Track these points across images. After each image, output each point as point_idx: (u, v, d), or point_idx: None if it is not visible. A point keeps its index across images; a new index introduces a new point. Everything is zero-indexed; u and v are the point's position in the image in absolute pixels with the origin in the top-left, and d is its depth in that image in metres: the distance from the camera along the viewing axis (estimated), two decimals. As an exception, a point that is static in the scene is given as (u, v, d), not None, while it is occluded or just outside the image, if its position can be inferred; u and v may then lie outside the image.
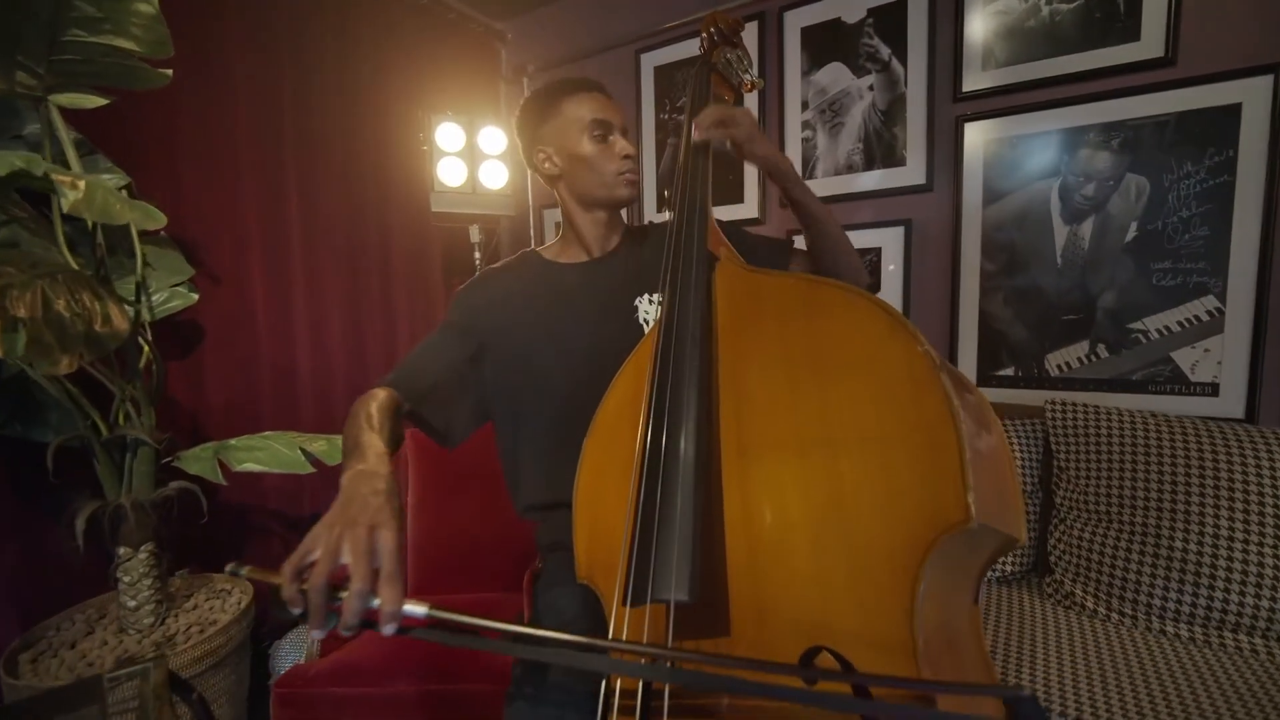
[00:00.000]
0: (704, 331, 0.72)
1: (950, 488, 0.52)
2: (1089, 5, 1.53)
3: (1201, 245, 1.46)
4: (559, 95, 1.00)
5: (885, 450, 0.57)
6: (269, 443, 1.47)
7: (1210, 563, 1.23)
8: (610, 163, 0.98)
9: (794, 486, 0.60)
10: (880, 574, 0.54)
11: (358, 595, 0.51)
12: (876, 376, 0.60)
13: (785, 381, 0.65)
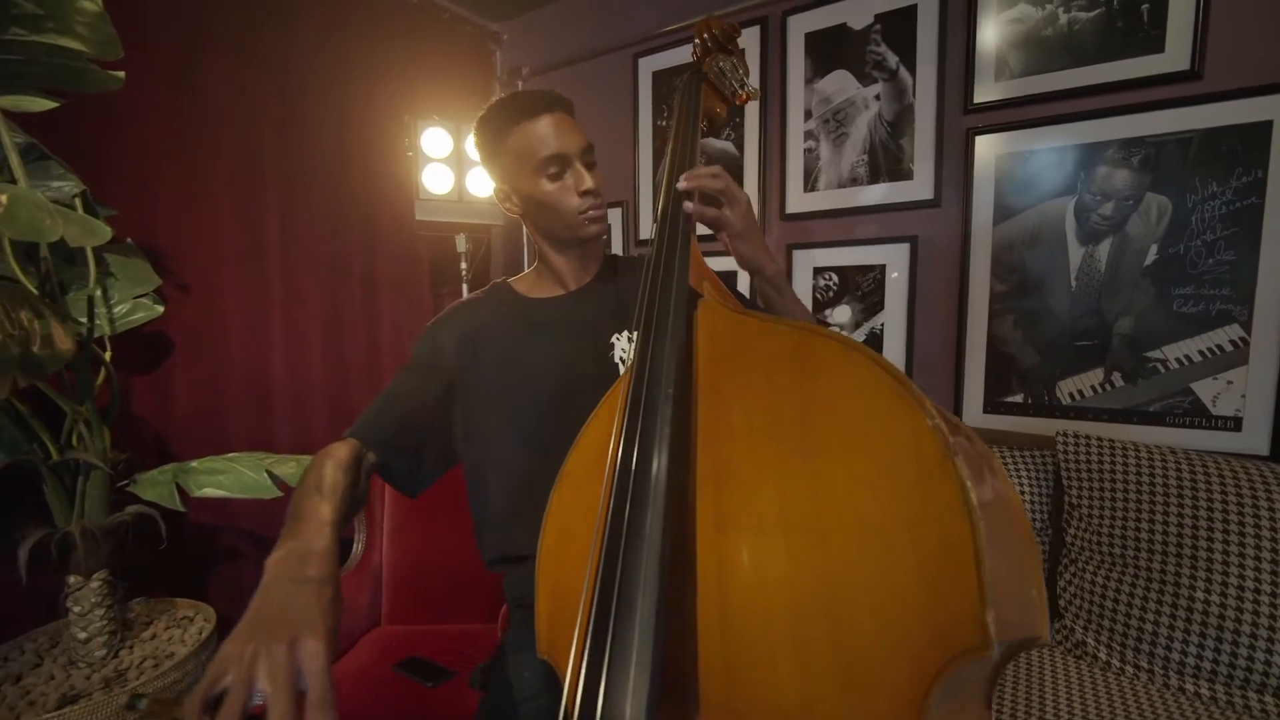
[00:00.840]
0: (681, 384, 0.64)
1: (963, 602, 0.43)
2: (1110, 14, 1.44)
3: (1226, 271, 1.37)
4: (506, 126, 0.88)
5: (886, 547, 0.48)
6: (233, 465, 1.39)
7: (1235, 615, 1.14)
8: (570, 200, 0.88)
9: (779, 581, 0.52)
10: (878, 702, 0.45)
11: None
12: (877, 455, 0.51)
13: (771, 450, 0.57)
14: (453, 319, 0.97)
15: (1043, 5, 1.51)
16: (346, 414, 1.99)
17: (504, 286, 1.02)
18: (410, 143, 1.83)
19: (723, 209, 0.80)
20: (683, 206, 0.79)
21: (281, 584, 0.53)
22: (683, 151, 0.86)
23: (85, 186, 1.21)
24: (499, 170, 0.92)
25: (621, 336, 0.95)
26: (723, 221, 0.80)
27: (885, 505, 0.49)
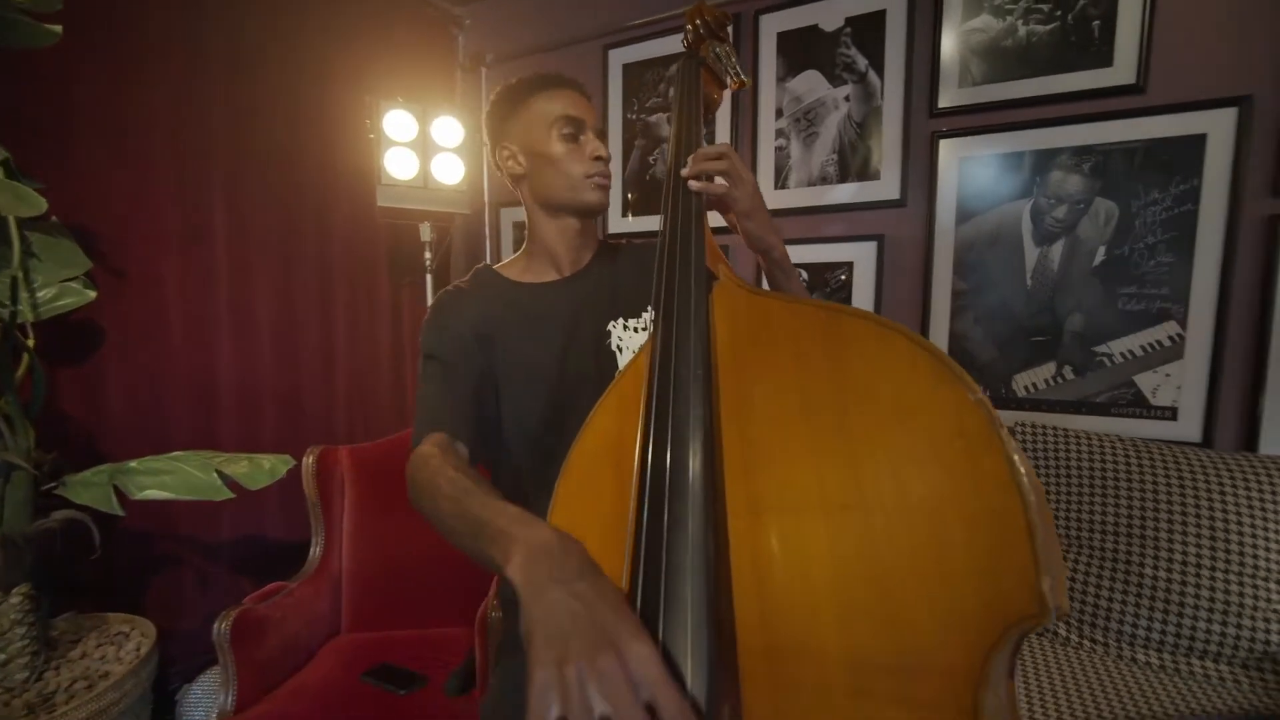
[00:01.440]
0: (706, 367, 0.62)
1: (1019, 572, 0.44)
2: (1064, 28, 1.53)
3: (1166, 272, 1.47)
4: (530, 90, 0.91)
5: (934, 522, 0.48)
6: (178, 465, 1.28)
7: (1179, 589, 1.23)
8: (578, 164, 0.88)
9: (821, 562, 0.51)
10: (933, 677, 0.45)
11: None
12: (920, 431, 0.51)
13: (805, 429, 0.56)
14: (446, 309, 0.91)
15: (1003, 17, 1.59)
16: (298, 411, 1.88)
17: (488, 272, 0.97)
18: (372, 124, 1.74)
19: (729, 188, 0.79)
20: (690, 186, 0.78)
21: (555, 588, 0.44)
22: (688, 136, 0.85)
23: (8, 154, 1.08)
24: (514, 128, 0.91)
25: (617, 324, 0.93)
26: (729, 200, 0.79)
27: (930, 481, 0.49)
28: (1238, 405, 1.42)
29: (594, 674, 0.38)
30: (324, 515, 1.53)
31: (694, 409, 0.58)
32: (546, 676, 0.39)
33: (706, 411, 0.58)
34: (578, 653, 0.39)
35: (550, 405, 0.88)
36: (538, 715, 0.38)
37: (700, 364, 0.61)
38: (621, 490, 0.63)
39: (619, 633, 0.41)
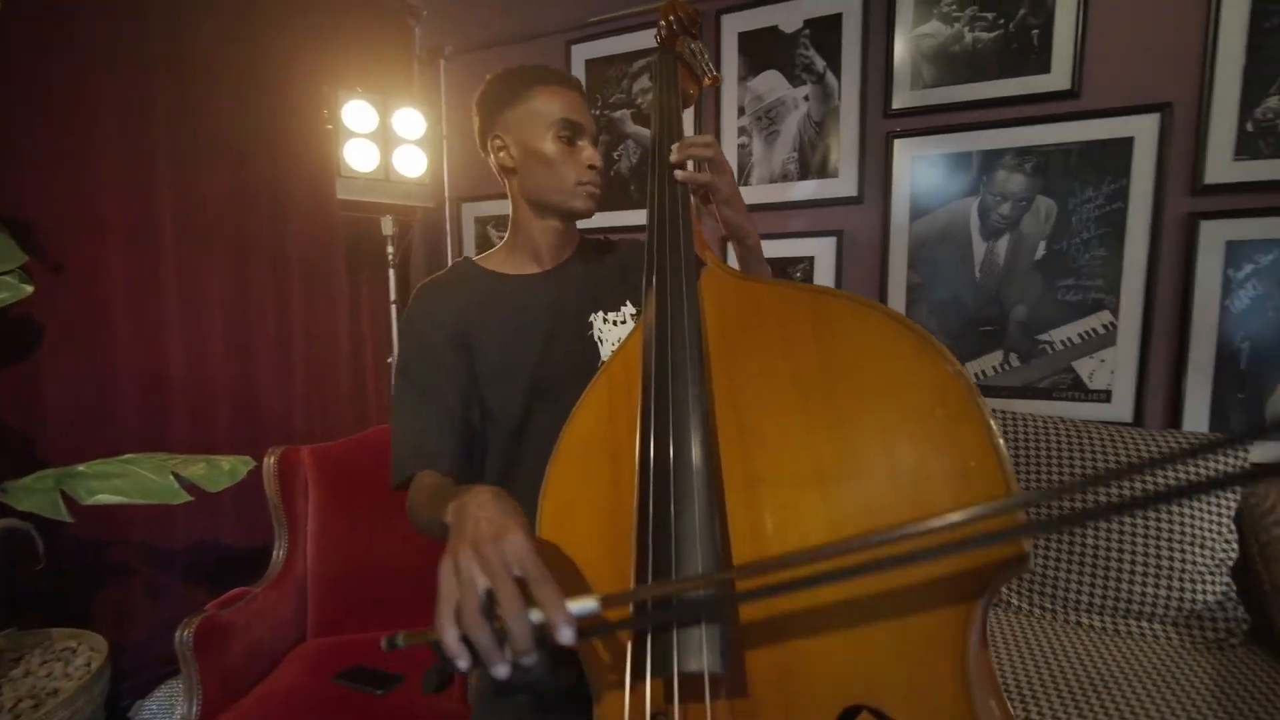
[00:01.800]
0: (699, 350, 0.64)
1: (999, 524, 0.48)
2: (1007, 36, 1.62)
3: (1099, 265, 1.59)
4: (531, 81, 0.90)
5: (921, 489, 0.51)
6: (131, 468, 1.21)
7: (1117, 557, 1.33)
8: (573, 170, 0.89)
9: (817, 525, 0.54)
10: (927, 623, 0.49)
11: (514, 616, 0.45)
12: (905, 402, 0.55)
13: (797, 405, 0.59)
14: (434, 311, 0.90)
15: (951, 23, 1.67)
16: (254, 411, 1.81)
17: (468, 264, 0.97)
18: (330, 115, 1.69)
19: (713, 176, 0.82)
20: (675, 175, 0.80)
21: (468, 507, 0.53)
22: (669, 130, 0.87)
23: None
24: (510, 120, 0.90)
25: (598, 316, 0.95)
26: (713, 187, 0.82)
27: (917, 449, 0.53)
28: (1163, 387, 1.55)
29: (478, 556, 0.48)
30: (287, 518, 1.48)
31: (691, 390, 0.60)
32: (445, 568, 0.49)
33: (701, 392, 0.61)
34: (469, 543, 0.49)
35: (532, 393, 0.88)
36: (441, 593, 0.47)
37: (694, 347, 0.63)
38: (614, 471, 0.65)
39: (500, 529, 0.50)
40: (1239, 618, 1.25)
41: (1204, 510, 1.31)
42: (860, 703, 0.49)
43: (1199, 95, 1.46)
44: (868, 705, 0.48)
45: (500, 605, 0.45)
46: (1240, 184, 1.45)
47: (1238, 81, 1.44)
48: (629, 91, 2.10)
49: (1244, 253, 1.46)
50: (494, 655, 0.45)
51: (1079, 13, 1.54)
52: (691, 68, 1.02)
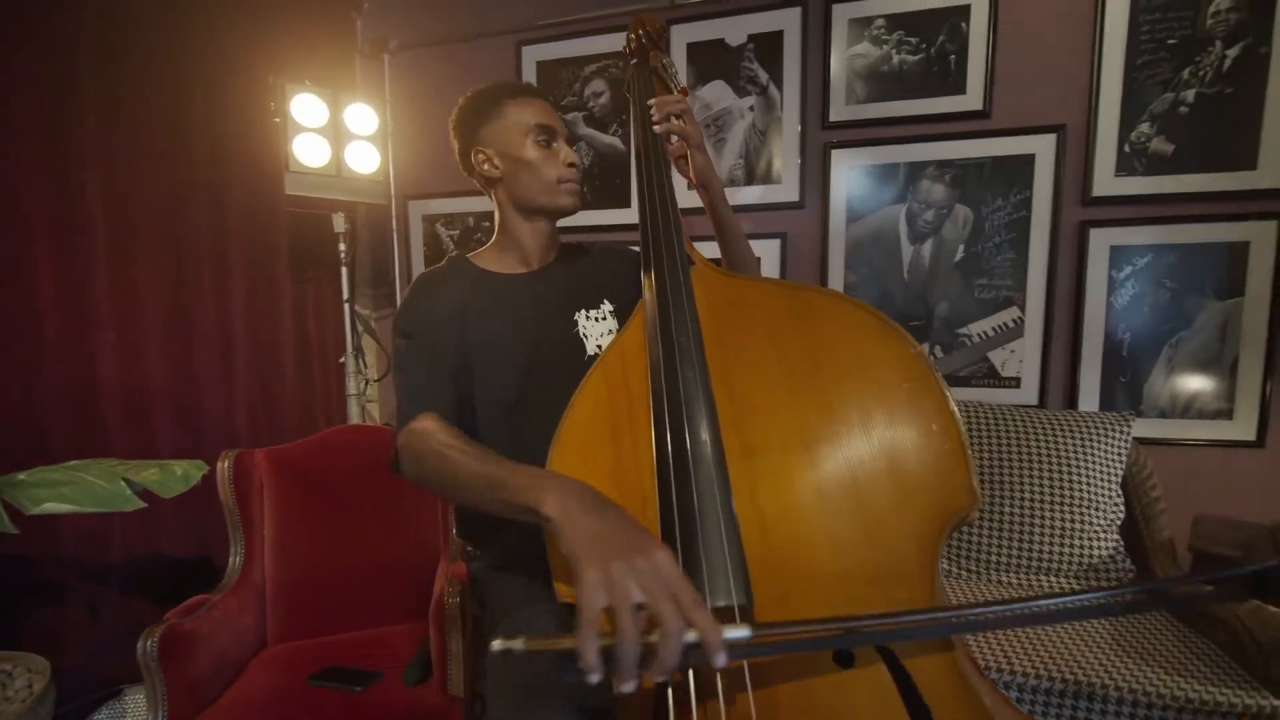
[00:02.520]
0: (698, 339, 0.72)
1: (958, 477, 0.59)
2: (929, 59, 1.80)
3: (1008, 266, 1.79)
4: (502, 96, 0.98)
5: (893, 449, 0.61)
6: (78, 475, 1.15)
7: (1029, 522, 1.52)
8: (553, 169, 0.96)
9: (807, 485, 0.63)
10: (905, 562, 0.58)
11: (674, 636, 0.44)
12: (875, 378, 0.65)
13: (785, 385, 0.68)
14: (428, 293, 0.95)
15: (881, 45, 1.84)
16: (195, 415, 1.72)
17: (464, 261, 1.02)
18: (277, 108, 1.64)
19: (687, 125, 0.94)
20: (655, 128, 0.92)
21: (587, 515, 0.53)
22: (653, 136, 0.95)
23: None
24: (488, 134, 0.96)
25: (581, 314, 1.01)
26: (687, 134, 0.94)
27: (888, 416, 0.63)
28: (1062, 373, 1.77)
29: (632, 571, 0.48)
30: (243, 525, 1.43)
31: (696, 375, 0.67)
32: (595, 575, 0.48)
33: (704, 376, 0.68)
34: (618, 556, 0.49)
35: (521, 384, 0.94)
36: (589, 605, 0.47)
37: (695, 334, 0.70)
38: (616, 449, 0.72)
39: (645, 543, 0.51)
40: (1126, 568, 1.47)
41: (1096, 477, 1.51)
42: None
43: (1087, 119, 1.69)
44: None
45: (662, 624, 0.45)
46: (1120, 197, 1.68)
47: (1117, 109, 1.67)
48: (580, 94, 2.15)
49: (1124, 256, 1.70)
50: (631, 672, 0.44)
51: (989, 42, 1.74)
52: (664, 80, 1.09)
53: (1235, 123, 1.61)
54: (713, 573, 0.56)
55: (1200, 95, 1.62)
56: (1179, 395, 1.68)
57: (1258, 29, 1.57)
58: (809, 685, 0.56)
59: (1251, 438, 1.63)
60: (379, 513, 1.55)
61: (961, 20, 1.76)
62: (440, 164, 2.27)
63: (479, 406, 0.93)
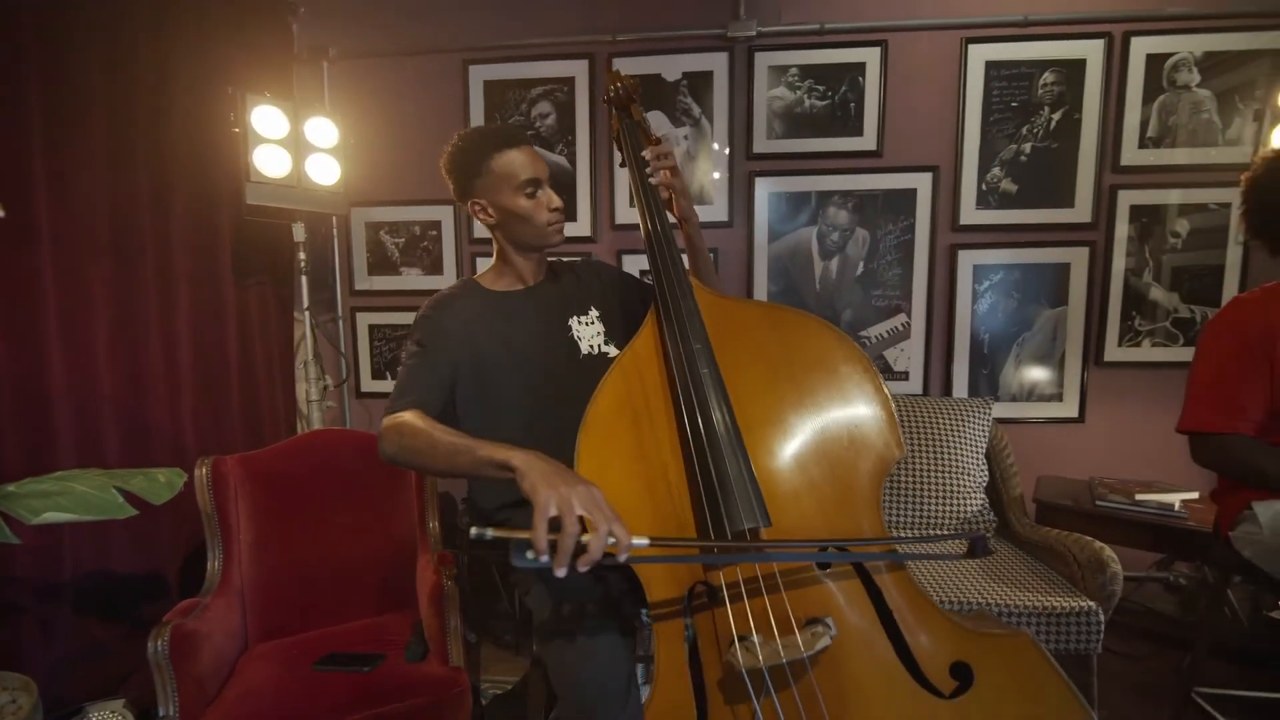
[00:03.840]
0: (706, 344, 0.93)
1: (893, 438, 0.85)
2: (833, 105, 2.14)
3: (897, 279, 2.17)
4: (488, 151, 1.09)
5: (849, 420, 0.86)
6: (68, 484, 1.15)
7: (919, 488, 1.88)
8: (542, 215, 1.11)
9: (790, 449, 0.86)
10: (862, 497, 0.83)
11: (600, 534, 0.65)
12: (833, 371, 0.90)
13: (767, 377, 0.91)
14: (446, 308, 1.10)
15: (794, 90, 2.15)
16: (142, 426, 1.69)
17: (472, 283, 1.17)
18: (236, 118, 1.65)
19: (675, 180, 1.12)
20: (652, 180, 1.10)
21: (542, 463, 0.72)
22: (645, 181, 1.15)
23: None
24: (481, 186, 1.10)
25: (574, 320, 1.19)
26: (674, 185, 1.12)
27: (843, 396, 0.87)
28: (940, 367, 2.16)
29: (574, 493, 0.68)
30: (221, 530, 1.46)
31: (711, 371, 0.88)
32: (549, 493, 0.68)
33: (717, 373, 0.89)
34: (565, 484, 0.69)
35: (530, 381, 1.11)
36: (543, 509, 0.66)
37: (705, 343, 0.91)
38: (637, 432, 0.92)
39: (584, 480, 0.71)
40: (990, 519, 1.86)
41: (967, 450, 1.89)
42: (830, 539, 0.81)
43: (955, 162, 2.09)
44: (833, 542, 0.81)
45: (593, 525, 0.66)
46: (980, 225, 2.10)
47: (976, 155, 2.08)
48: (528, 114, 2.29)
49: (983, 273, 2.12)
50: (567, 558, 0.64)
51: (880, 95, 2.10)
52: (645, 131, 1.29)
53: (1058, 171, 2.07)
54: (743, 505, 0.77)
55: (1034, 148, 2.07)
56: (1024, 383, 2.13)
57: (1073, 99, 2.04)
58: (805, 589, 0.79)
59: (1075, 415, 2.11)
60: (352, 512, 1.62)
61: (859, 75, 2.11)
62: (385, 172, 2.32)
63: (494, 402, 1.08)
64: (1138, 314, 2.09)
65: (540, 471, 0.70)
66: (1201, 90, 2.00)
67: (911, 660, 0.76)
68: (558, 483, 0.68)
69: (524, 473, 0.71)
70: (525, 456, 0.74)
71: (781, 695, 0.75)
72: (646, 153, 1.11)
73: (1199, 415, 1.17)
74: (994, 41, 2.04)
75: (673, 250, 1.05)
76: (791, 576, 0.80)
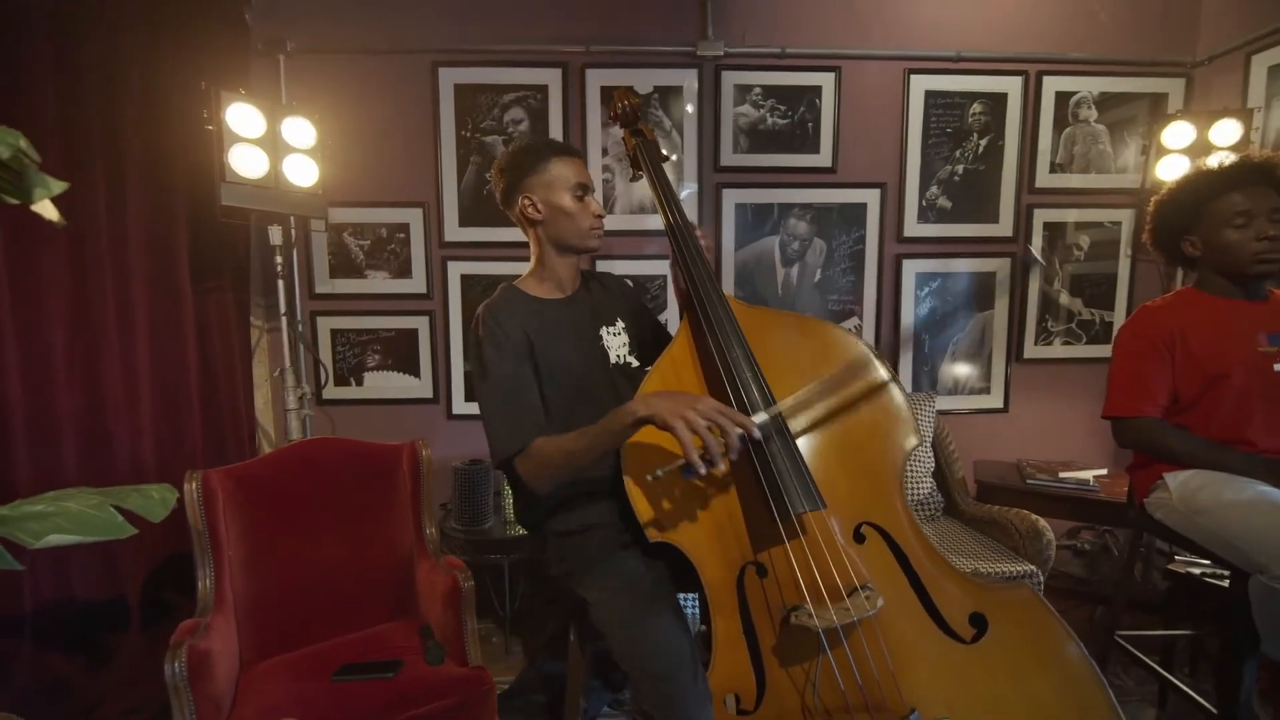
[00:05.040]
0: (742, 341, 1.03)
1: (910, 428, 0.98)
2: (794, 124, 2.31)
3: (851, 285, 2.37)
4: (548, 154, 1.19)
5: (874, 414, 0.99)
6: (63, 505, 1.08)
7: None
8: (586, 219, 1.20)
9: (826, 441, 0.98)
10: (887, 482, 0.96)
11: (732, 430, 0.84)
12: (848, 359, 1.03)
13: (796, 369, 1.04)
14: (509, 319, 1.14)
15: (758, 109, 2.30)
16: (104, 440, 1.58)
17: (516, 289, 1.22)
18: (210, 116, 1.58)
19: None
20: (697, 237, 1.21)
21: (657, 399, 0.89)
22: (671, 192, 1.24)
23: None
24: (535, 184, 1.17)
25: (604, 330, 1.27)
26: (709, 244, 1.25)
27: (868, 394, 1.00)
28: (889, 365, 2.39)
29: (695, 411, 0.85)
30: (213, 549, 1.39)
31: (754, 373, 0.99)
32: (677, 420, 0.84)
33: (760, 374, 0.99)
34: (685, 406, 0.86)
35: (568, 386, 1.16)
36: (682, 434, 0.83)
37: (744, 348, 1.02)
38: None
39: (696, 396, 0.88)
40: (938, 502, 2.08)
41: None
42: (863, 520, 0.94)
43: (899, 180, 2.32)
44: (866, 521, 0.94)
45: (723, 426, 0.83)
46: (921, 238, 2.34)
47: (918, 174, 2.32)
48: (500, 120, 2.30)
49: (923, 280, 2.36)
50: (719, 458, 0.82)
51: (835, 116, 2.29)
52: (659, 150, 1.38)
53: (984, 191, 2.35)
54: (802, 492, 0.89)
55: (966, 169, 2.33)
56: (959, 378, 2.40)
57: (997, 127, 2.32)
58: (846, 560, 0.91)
59: (1001, 406, 2.39)
60: (344, 523, 1.59)
61: (816, 97, 2.29)
62: (350, 173, 2.25)
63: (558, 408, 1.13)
64: (1049, 316, 2.41)
65: (659, 407, 0.86)
66: (1098, 124, 2.33)
67: (937, 613, 0.90)
68: (681, 408, 0.84)
69: (649, 415, 0.87)
70: (641, 402, 0.90)
71: (836, 653, 0.86)
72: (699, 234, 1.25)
73: (1119, 403, 1.40)
74: (932, 73, 2.29)
75: (708, 267, 1.15)
76: (832, 550, 0.92)
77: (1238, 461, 1.25)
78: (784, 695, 0.87)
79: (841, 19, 2.27)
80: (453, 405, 2.38)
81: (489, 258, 2.32)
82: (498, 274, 2.31)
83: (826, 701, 0.86)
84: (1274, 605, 1.05)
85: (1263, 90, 2.07)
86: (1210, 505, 1.21)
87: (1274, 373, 1.29)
